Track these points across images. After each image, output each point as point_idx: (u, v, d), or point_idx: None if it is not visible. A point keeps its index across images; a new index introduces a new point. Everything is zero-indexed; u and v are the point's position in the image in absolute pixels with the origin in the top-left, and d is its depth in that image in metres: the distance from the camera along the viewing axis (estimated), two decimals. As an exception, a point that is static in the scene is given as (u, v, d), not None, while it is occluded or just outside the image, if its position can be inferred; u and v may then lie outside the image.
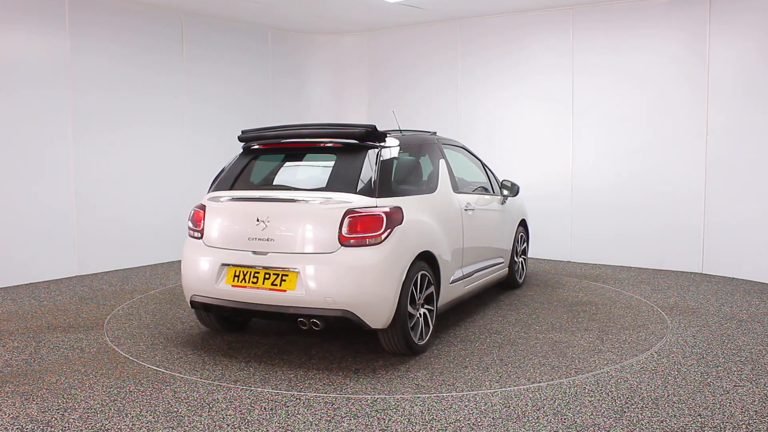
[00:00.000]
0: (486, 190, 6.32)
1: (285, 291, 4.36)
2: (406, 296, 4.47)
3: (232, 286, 4.53)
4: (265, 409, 3.77)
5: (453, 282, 5.24)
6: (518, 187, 6.65)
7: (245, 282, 4.50)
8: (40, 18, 7.24)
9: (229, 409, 3.76)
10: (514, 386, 4.11)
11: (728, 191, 7.46)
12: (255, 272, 4.49)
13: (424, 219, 4.84)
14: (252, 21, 9.33)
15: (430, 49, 9.58)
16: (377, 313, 4.31)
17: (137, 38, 8.14)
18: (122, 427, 3.51)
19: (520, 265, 7.03)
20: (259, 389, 4.07)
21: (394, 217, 4.44)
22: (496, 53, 9.02)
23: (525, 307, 6.12)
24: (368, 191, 4.45)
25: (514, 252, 6.81)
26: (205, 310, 4.86)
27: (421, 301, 4.72)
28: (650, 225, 8.02)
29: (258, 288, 4.45)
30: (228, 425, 3.54)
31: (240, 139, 5.12)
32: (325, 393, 4.01)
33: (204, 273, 4.67)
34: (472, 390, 4.04)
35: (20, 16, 7.09)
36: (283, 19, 9.30)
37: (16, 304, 6.28)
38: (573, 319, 5.64)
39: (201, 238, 4.81)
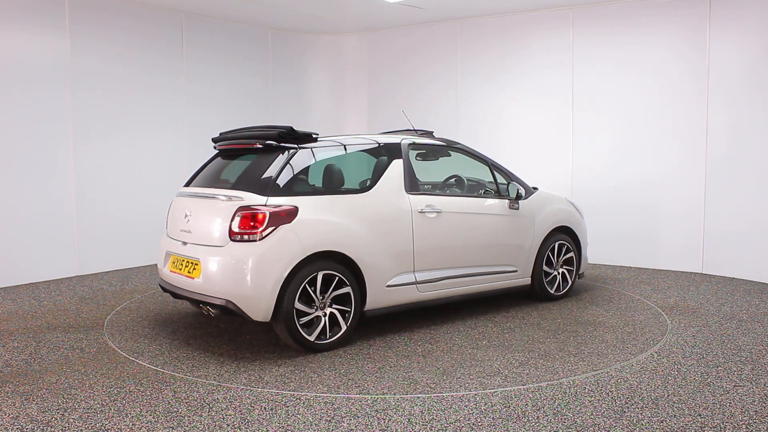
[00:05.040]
0: (494, 193, 6.03)
1: (194, 279, 4.82)
2: (293, 293, 4.62)
3: (170, 271, 5.13)
4: (265, 409, 3.77)
5: (393, 286, 5.15)
6: (518, 191, 6.02)
7: (175, 268, 5.06)
8: (40, 18, 7.24)
9: (229, 409, 3.76)
10: (516, 387, 4.11)
11: (728, 190, 7.46)
12: (181, 260, 5.01)
13: (334, 219, 4.87)
14: (252, 21, 9.33)
15: (430, 50, 9.58)
16: (254, 305, 4.56)
17: (137, 39, 8.14)
18: (122, 427, 3.51)
19: (560, 276, 6.40)
20: (259, 389, 4.08)
21: (281, 216, 4.64)
22: (496, 53, 9.02)
23: (516, 319, 5.67)
24: (262, 190, 4.73)
25: (543, 261, 6.22)
26: (164, 291, 5.32)
27: (327, 300, 4.80)
28: (650, 225, 8.02)
29: (180, 274, 4.97)
30: (228, 425, 3.54)
31: (212, 140, 5.62)
32: (326, 393, 4.02)
33: (161, 259, 5.33)
34: (302, 392, 4.04)
35: (20, 16, 7.09)
36: (283, 19, 9.31)
37: (16, 304, 6.28)
38: (542, 341, 5.03)
39: (167, 228, 5.48)
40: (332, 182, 5.15)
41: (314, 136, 5.14)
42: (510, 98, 8.95)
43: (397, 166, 5.37)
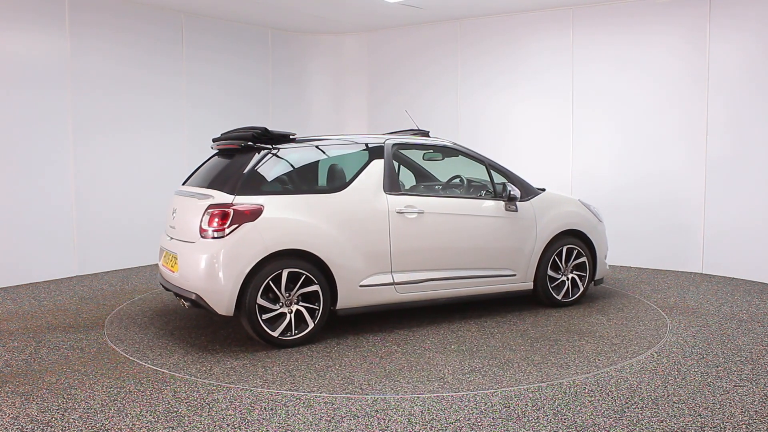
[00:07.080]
0: (492, 194, 5.84)
1: (174, 272, 5.07)
2: (256, 289, 4.75)
3: (162, 265, 5.40)
4: (265, 409, 3.77)
5: (368, 286, 5.14)
6: (511, 192, 5.77)
7: (164, 262, 5.34)
8: (40, 18, 7.24)
9: (229, 409, 3.76)
10: (514, 387, 4.11)
11: (728, 190, 7.46)
12: (168, 255, 5.27)
13: (301, 218, 4.94)
14: (252, 21, 9.33)
15: (431, 50, 9.58)
16: (217, 300, 4.73)
17: (137, 39, 8.14)
18: (122, 427, 3.52)
19: (569, 282, 6.12)
20: (259, 389, 4.08)
21: (245, 214, 4.78)
22: (496, 53, 9.02)
23: (505, 325, 5.48)
24: (231, 189, 4.90)
25: (548, 266, 5.97)
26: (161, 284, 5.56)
27: (293, 297, 4.88)
28: (650, 225, 8.02)
29: (167, 268, 5.25)
30: (228, 425, 3.54)
31: (212, 140, 5.75)
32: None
33: (159, 254, 5.58)
34: (238, 385, 4.04)
35: (20, 16, 7.09)
36: (283, 19, 9.31)
37: (16, 304, 6.28)
38: (514, 348, 4.83)
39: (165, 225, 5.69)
40: (305, 182, 5.22)
41: (291, 136, 5.23)
42: (510, 98, 8.94)
43: (376, 166, 5.33)
